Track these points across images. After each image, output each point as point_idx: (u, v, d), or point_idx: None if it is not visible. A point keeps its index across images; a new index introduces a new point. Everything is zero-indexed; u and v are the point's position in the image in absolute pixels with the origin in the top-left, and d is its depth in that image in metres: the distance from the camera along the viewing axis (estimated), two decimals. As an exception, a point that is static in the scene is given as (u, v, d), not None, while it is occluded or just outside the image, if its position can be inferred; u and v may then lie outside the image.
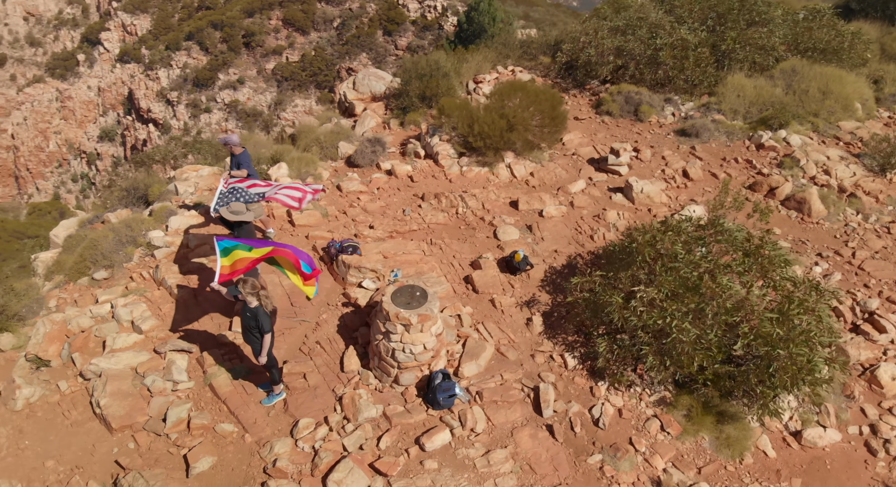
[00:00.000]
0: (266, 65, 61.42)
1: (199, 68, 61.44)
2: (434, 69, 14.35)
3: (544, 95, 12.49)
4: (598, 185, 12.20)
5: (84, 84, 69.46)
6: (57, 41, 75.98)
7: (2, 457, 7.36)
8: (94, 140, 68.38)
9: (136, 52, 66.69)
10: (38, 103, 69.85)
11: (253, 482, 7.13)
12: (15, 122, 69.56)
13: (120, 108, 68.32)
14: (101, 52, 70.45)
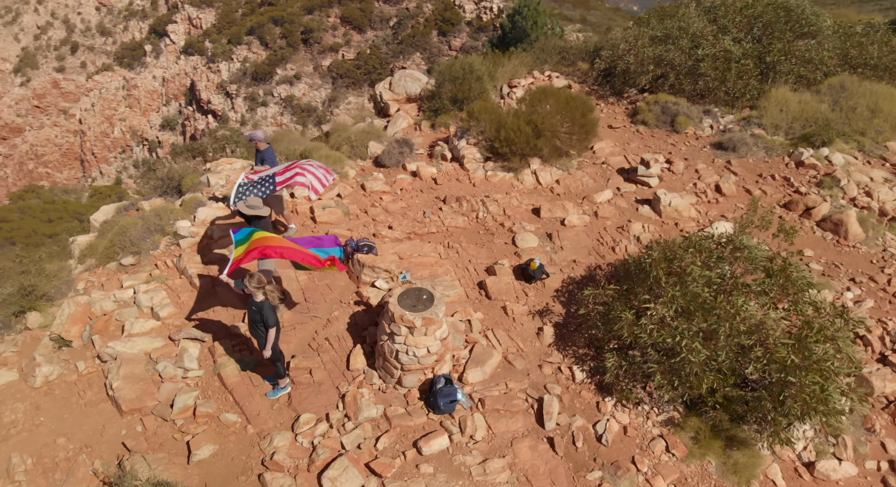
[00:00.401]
0: (322, 61, 62.34)
1: (259, 63, 62.78)
2: (467, 72, 14.33)
3: (574, 102, 12.32)
4: (625, 196, 11.96)
5: (149, 74, 71.86)
6: (126, 31, 78.93)
7: (17, 431, 7.68)
8: (156, 128, 70.60)
9: (199, 44, 68.61)
10: (106, 90, 72.61)
11: (251, 473, 7.25)
12: (83, 108, 72.58)
13: (182, 99, 70.34)
14: (167, 44, 72.84)
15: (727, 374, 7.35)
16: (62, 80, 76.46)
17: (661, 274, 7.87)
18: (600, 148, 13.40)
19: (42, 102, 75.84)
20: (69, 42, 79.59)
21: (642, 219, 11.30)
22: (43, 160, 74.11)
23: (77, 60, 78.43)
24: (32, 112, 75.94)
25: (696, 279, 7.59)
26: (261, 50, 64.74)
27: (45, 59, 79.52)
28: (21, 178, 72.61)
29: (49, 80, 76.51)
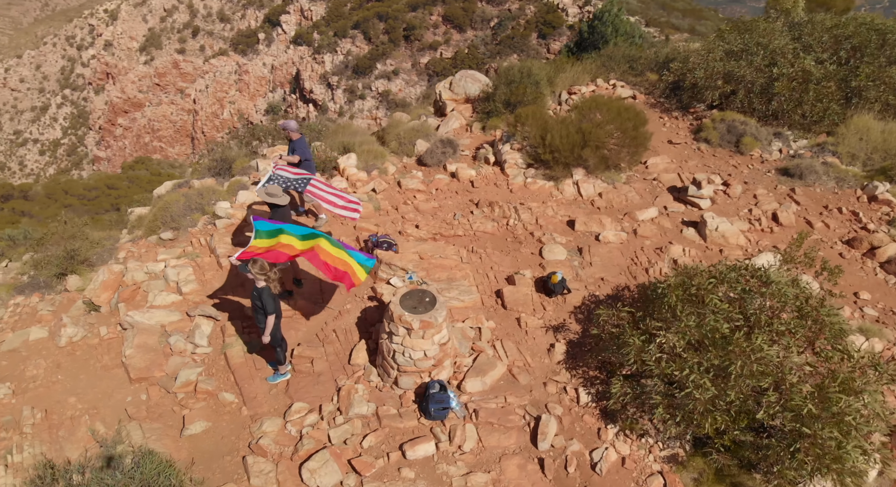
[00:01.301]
0: (421, 58, 63.28)
1: (361, 56, 64.60)
2: (524, 76, 14.05)
3: (627, 114, 11.81)
4: (671, 216, 11.35)
5: (260, 61, 75.50)
6: (243, 19, 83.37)
7: (36, 386, 8.16)
8: (260, 113, 73.98)
9: (308, 35, 71.39)
10: (220, 74, 76.94)
11: (236, 453, 7.36)
12: (198, 89, 77.34)
13: (287, 86, 73.31)
14: (279, 33, 76.36)
15: (737, 416, 6.79)
16: (182, 61, 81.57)
17: (677, 302, 7.38)
18: (654, 163, 12.79)
19: (162, 81, 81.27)
20: (191, 26, 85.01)
21: (685, 242, 10.67)
22: (158, 134, 79.50)
23: (197, 44, 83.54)
24: (153, 89, 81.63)
25: (715, 311, 7.05)
26: (364, 44, 66.55)
27: (169, 41, 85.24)
28: (137, 150, 78.35)
29: (170, 61, 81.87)
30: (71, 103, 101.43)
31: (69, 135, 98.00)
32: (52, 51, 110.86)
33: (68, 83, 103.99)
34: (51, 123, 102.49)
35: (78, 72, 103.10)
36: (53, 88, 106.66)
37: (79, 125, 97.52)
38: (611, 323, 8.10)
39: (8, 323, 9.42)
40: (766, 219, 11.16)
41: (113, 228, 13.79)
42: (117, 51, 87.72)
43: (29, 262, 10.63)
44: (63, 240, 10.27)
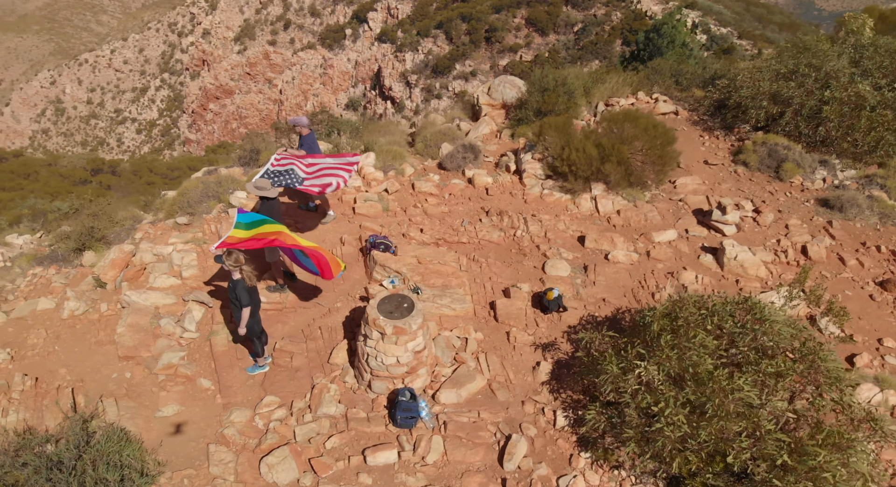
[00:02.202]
0: (500, 61, 62.99)
1: (441, 56, 64.99)
2: (558, 84, 13.72)
3: (655, 130, 11.33)
4: (691, 240, 10.81)
5: (345, 56, 77.47)
6: (332, 14, 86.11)
7: (33, 354, 8.51)
8: (341, 107, 75.68)
9: (392, 33, 72.62)
10: (306, 67, 79.44)
11: (202, 440, 7.44)
12: (285, 80, 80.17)
13: (368, 83, 74.66)
14: (365, 30, 78.26)
15: (712, 459, 6.36)
16: (272, 53, 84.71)
17: (661, 332, 6.98)
18: (683, 183, 12.23)
19: (252, 70, 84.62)
20: (283, 19, 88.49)
21: (700, 269, 10.14)
22: (245, 121, 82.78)
23: (287, 36, 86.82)
24: (243, 78, 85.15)
25: (698, 345, 6.63)
26: (445, 44, 67.00)
27: (262, 32, 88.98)
28: (225, 135, 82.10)
29: (261, 51, 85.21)
30: (168, 86, 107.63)
31: (164, 116, 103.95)
32: (154, 36, 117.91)
33: (167, 67, 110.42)
34: (149, 104, 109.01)
35: (177, 57, 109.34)
36: (153, 71, 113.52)
37: (174, 108, 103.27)
38: (594, 347, 7.76)
39: (23, 291, 9.90)
40: (794, 252, 10.46)
41: (145, 209, 14.30)
42: (214, 39, 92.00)
43: (55, 235, 11.15)
44: (86, 217, 10.71)
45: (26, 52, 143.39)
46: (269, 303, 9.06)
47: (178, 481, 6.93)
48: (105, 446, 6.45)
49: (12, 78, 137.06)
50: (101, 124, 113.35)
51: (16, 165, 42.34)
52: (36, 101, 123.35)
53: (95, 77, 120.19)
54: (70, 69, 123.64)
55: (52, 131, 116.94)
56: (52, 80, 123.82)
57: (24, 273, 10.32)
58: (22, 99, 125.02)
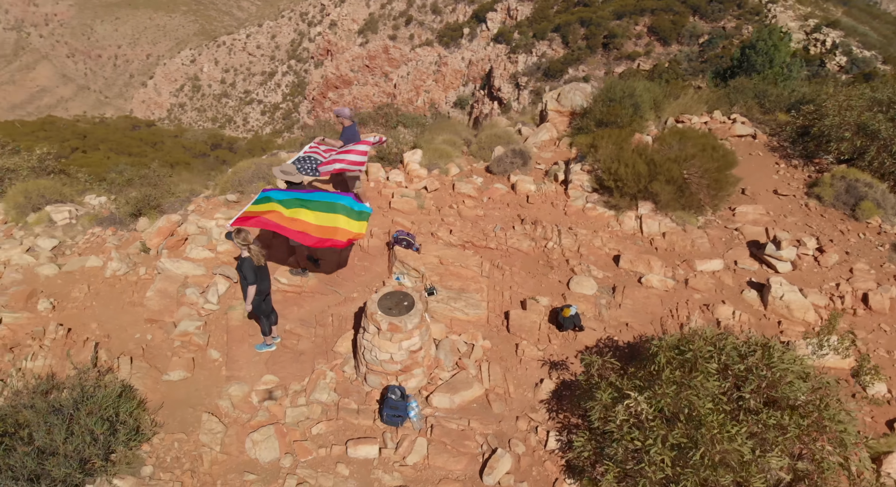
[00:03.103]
0: (616, 68, 61.21)
1: (554, 59, 64.23)
2: (625, 95, 13.18)
3: (714, 152, 10.64)
4: (737, 273, 10.09)
5: (460, 55, 78.27)
6: (453, 13, 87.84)
7: (72, 307, 9.17)
8: (449, 104, 76.86)
9: (509, 34, 72.62)
10: (421, 63, 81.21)
11: (200, 408, 7.75)
12: (400, 75, 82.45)
13: (478, 82, 75.06)
14: (482, 30, 79.07)
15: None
16: (391, 47, 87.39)
17: (665, 365, 6.56)
18: (743, 211, 11.42)
19: (371, 63, 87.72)
20: (406, 15, 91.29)
21: (740, 305, 9.44)
22: (358, 112, 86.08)
23: (408, 32, 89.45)
24: (362, 70, 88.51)
25: (699, 385, 6.17)
26: (560, 48, 66.24)
27: (384, 27, 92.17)
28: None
29: (381, 46, 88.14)
30: (294, 73, 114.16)
31: (287, 100, 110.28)
32: (287, 23, 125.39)
33: (295, 54, 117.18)
34: (274, 88, 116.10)
35: (304, 45, 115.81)
36: (282, 57, 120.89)
37: (297, 93, 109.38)
38: (595, 371, 7.41)
39: (80, 248, 10.69)
40: (853, 299, 9.52)
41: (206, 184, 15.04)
42: (339, 30, 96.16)
43: (118, 199, 11.97)
44: (145, 186, 11.42)
45: (173, 31, 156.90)
46: (290, 286, 9.30)
47: (168, 443, 7.26)
48: (102, 400, 6.85)
49: (159, 53, 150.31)
50: (230, 103, 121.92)
51: (146, 134, 46.18)
52: (176, 77, 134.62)
53: (230, 59, 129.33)
54: (209, 49, 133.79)
55: (187, 106, 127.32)
56: (193, 59, 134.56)
57: (85, 231, 11.14)
58: (164, 74, 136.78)
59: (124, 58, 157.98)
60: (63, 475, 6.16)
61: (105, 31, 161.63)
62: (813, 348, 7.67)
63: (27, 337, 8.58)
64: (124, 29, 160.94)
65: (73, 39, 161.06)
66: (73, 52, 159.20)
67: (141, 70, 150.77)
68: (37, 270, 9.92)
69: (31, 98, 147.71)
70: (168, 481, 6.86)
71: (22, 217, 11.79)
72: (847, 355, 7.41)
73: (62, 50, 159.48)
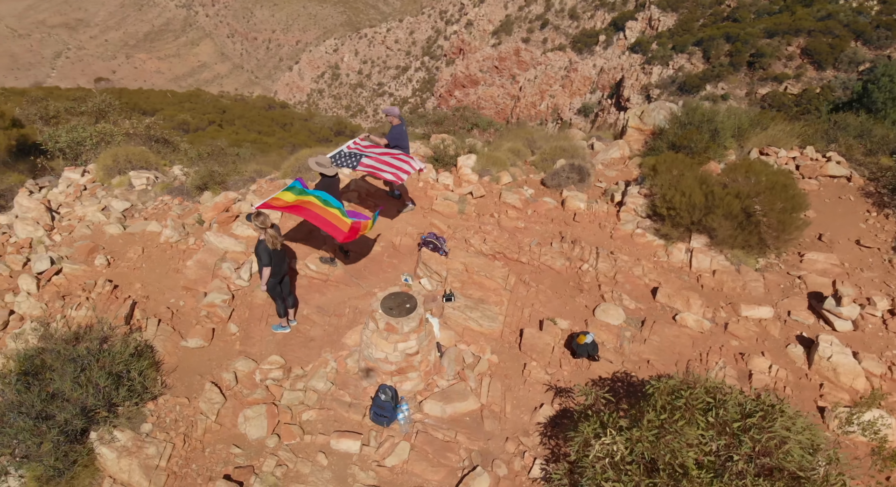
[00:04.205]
0: (759, 88, 57.48)
1: (692, 74, 61.49)
2: (704, 120, 12.42)
3: (784, 191, 9.78)
4: (787, 325, 9.25)
5: (591, 61, 76.67)
6: (591, 19, 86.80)
7: (124, 266, 9.94)
8: (572, 111, 75.76)
9: (647, 45, 70.17)
10: (550, 67, 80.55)
11: (208, 377, 8.15)
12: (527, 78, 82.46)
13: (607, 91, 73.01)
14: (619, 38, 77.28)
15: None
16: (523, 50, 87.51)
17: (660, 408, 6.14)
18: (813, 259, 10.44)
19: (501, 64, 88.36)
20: (542, 18, 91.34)
21: (781, 360, 8.64)
22: (480, 111, 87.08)
23: (541, 36, 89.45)
24: (491, 70, 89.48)
25: (679, 431, 5.73)
26: (700, 62, 63.51)
27: (518, 29, 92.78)
28: None
29: (513, 47, 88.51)
30: (426, 69, 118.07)
31: (416, 96, 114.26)
32: (426, 20, 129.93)
33: (429, 51, 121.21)
34: (406, 83, 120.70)
35: (439, 43, 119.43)
36: (417, 53, 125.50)
37: (425, 89, 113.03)
38: (588, 403, 7.06)
39: (148, 213, 11.56)
40: (919, 372, 8.45)
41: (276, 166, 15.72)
42: (474, 30, 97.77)
43: (190, 172, 12.82)
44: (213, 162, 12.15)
45: (323, 20, 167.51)
46: (317, 273, 9.57)
47: (171, 405, 7.69)
48: (116, 356, 7.37)
49: (307, 40, 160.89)
50: (364, 94, 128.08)
51: (278, 115, 49.43)
52: (319, 64, 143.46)
53: (369, 51, 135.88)
54: (351, 40, 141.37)
55: (325, 92, 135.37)
56: (335, 48, 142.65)
57: (155, 198, 12.03)
58: (308, 60, 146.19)
59: (276, 42, 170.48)
60: (64, 419, 6.70)
61: (263, 16, 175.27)
62: (840, 421, 6.88)
63: (79, 287, 9.39)
64: (280, 15, 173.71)
65: (234, 21, 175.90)
66: (232, 32, 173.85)
67: (290, 54, 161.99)
68: (104, 228, 10.84)
69: (191, 71, 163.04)
70: (162, 440, 7.27)
71: (108, 179, 12.91)
72: (874, 436, 6.58)
73: (224, 30, 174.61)
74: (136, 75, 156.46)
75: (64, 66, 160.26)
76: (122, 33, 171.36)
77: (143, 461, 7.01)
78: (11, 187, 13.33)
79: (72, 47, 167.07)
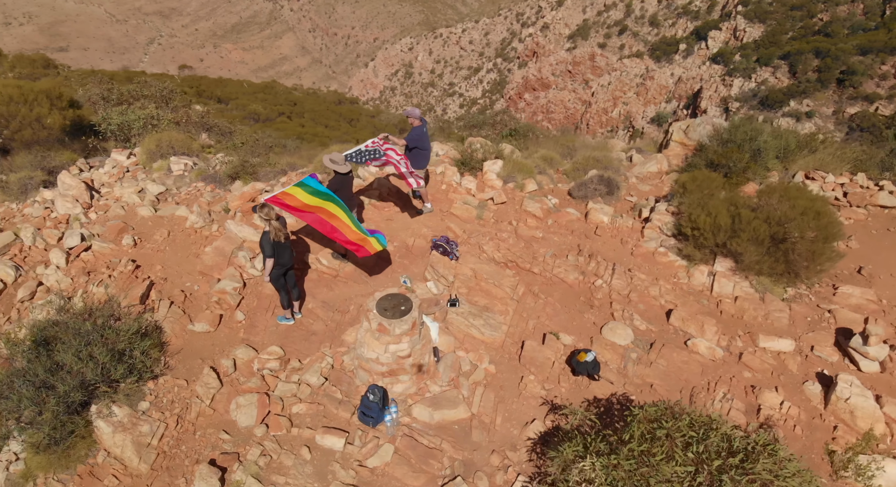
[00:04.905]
0: (848, 108, 54.86)
1: (775, 88, 59.24)
2: (746, 139, 11.88)
3: (818, 219, 9.23)
4: (808, 360, 8.74)
5: (669, 70, 74.44)
6: (672, 27, 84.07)
7: (148, 247, 10.33)
8: (645, 119, 73.68)
9: (730, 56, 67.67)
10: (625, 74, 78.63)
11: (209, 362, 8.35)
12: (600, 84, 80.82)
13: (683, 101, 70.78)
14: (700, 48, 74.51)
15: None
16: (598, 55, 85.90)
17: (638, 436, 5.91)
18: (847, 292, 9.81)
19: (575, 69, 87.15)
20: (621, 24, 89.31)
21: (795, 397, 8.16)
22: (549, 116, 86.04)
23: (619, 41, 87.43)
24: (563, 74, 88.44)
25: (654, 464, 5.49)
26: (785, 77, 61.07)
27: (595, 34, 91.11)
28: None
29: (588, 52, 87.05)
30: (498, 71, 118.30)
31: (485, 97, 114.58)
32: (502, 22, 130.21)
33: (502, 53, 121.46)
34: (476, 84, 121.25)
35: (513, 45, 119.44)
36: (490, 55, 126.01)
37: (495, 91, 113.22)
38: (574, 423, 6.87)
39: (181, 198, 11.97)
40: (948, 424, 7.83)
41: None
42: (550, 34, 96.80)
43: (225, 162, 13.19)
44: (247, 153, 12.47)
45: (401, 19, 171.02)
46: (328, 268, 9.67)
47: (170, 386, 7.92)
48: (120, 335, 7.65)
49: (384, 38, 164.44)
50: (435, 93, 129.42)
51: (346, 110, 50.59)
52: (393, 62, 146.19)
53: (443, 51, 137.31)
54: (426, 39, 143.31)
55: (397, 90, 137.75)
56: (411, 47, 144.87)
57: (190, 184, 12.44)
58: (384, 57, 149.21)
59: (355, 39, 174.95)
60: (64, 390, 6.99)
61: (344, 12, 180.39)
62: (837, 465, 6.44)
63: (104, 265, 9.80)
64: (360, 12, 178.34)
65: (316, 16, 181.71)
66: (314, 27, 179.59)
67: (367, 51, 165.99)
68: (137, 210, 11.29)
69: (273, 63, 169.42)
70: (156, 420, 7.50)
71: (150, 162, 13.44)
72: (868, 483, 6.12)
73: (306, 24, 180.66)
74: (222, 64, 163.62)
75: (156, 52, 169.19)
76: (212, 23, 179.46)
77: (136, 438, 7.25)
78: (64, 164, 14.04)
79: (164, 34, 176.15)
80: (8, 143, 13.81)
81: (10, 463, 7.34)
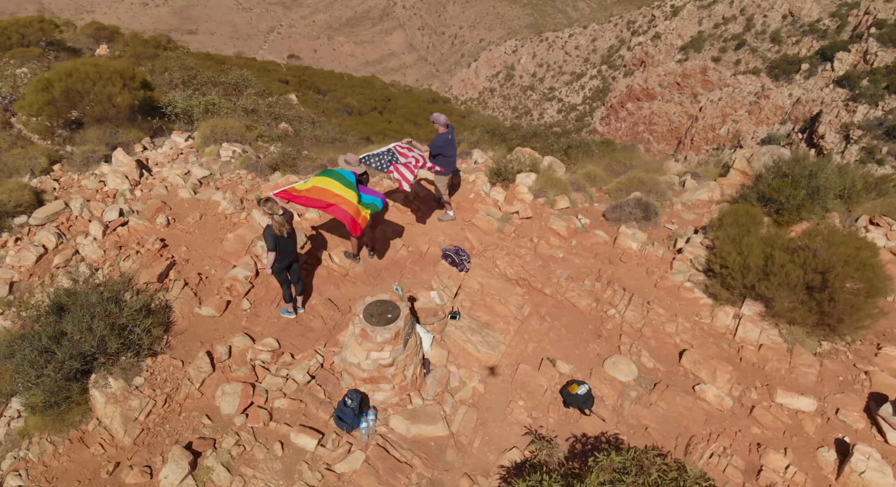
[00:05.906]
0: None
1: None
2: (806, 175, 10.98)
3: (863, 270, 8.38)
4: (830, 424, 7.96)
5: (787, 91, 69.80)
6: (795, 45, 78.54)
7: (179, 229, 10.74)
8: (755, 140, 68.86)
9: (857, 80, 62.51)
10: (738, 91, 73.39)
11: (208, 346, 8.58)
12: (710, 98, 76.84)
13: (799, 124, 65.87)
14: (824, 69, 69.10)
15: None
16: (710, 69, 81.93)
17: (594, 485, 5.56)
18: (890, 355, 8.85)
19: (683, 81, 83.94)
20: (739, 38, 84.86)
21: (805, 463, 7.45)
22: (652, 128, 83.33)
23: (734, 56, 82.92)
24: (671, 86, 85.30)
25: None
26: None
27: (710, 47, 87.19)
28: (629, 136, 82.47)
29: (700, 65, 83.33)
30: (601, 78, 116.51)
31: (585, 103, 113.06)
32: (611, 29, 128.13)
33: (608, 60, 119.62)
34: (578, 90, 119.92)
35: (621, 53, 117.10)
36: (595, 61, 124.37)
37: (596, 98, 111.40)
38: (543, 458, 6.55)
39: (221, 183, 12.40)
40: (983, 518, 6.92)
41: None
42: (661, 44, 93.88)
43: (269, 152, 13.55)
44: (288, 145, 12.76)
45: (509, 20, 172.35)
46: (338, 266, 9.73)
47: (165, 365, 8.20)
48: (125, 311, 7.98)
49: (490, 39, 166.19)
50: (533, 97, 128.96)
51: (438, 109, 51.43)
52: (496, 63, 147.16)
53: (547, 55, 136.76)
54: (531, 43, 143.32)
55: (496, 91, 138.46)
56: (515, 49, 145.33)
57: (233, 171, 12.87)
58: (486, 58, 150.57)
59: (461, 38, 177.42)
60: (62, 357, 7.37)
61: (453, 12, 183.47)
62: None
63: (135, 241, 10.29)
64: (469, 13, 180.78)
65: (426, 14, 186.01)
66: (423, 25, 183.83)
67: (471, 51, 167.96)
68: (178, 191, 11.78)
69: (381, 58, 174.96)
70: (147, 396, 7.78)
71: (203, 147, 14.01)
72: None
73: (416, 22, 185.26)
74: (333, 56, 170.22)
75: (275, 40, 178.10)
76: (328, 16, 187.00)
77: (125, 411, 7.54)
78: (130, 141, 14.87)
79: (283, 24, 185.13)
80: (81, 118, 14.77)
81: (11, 420, 7.82)
